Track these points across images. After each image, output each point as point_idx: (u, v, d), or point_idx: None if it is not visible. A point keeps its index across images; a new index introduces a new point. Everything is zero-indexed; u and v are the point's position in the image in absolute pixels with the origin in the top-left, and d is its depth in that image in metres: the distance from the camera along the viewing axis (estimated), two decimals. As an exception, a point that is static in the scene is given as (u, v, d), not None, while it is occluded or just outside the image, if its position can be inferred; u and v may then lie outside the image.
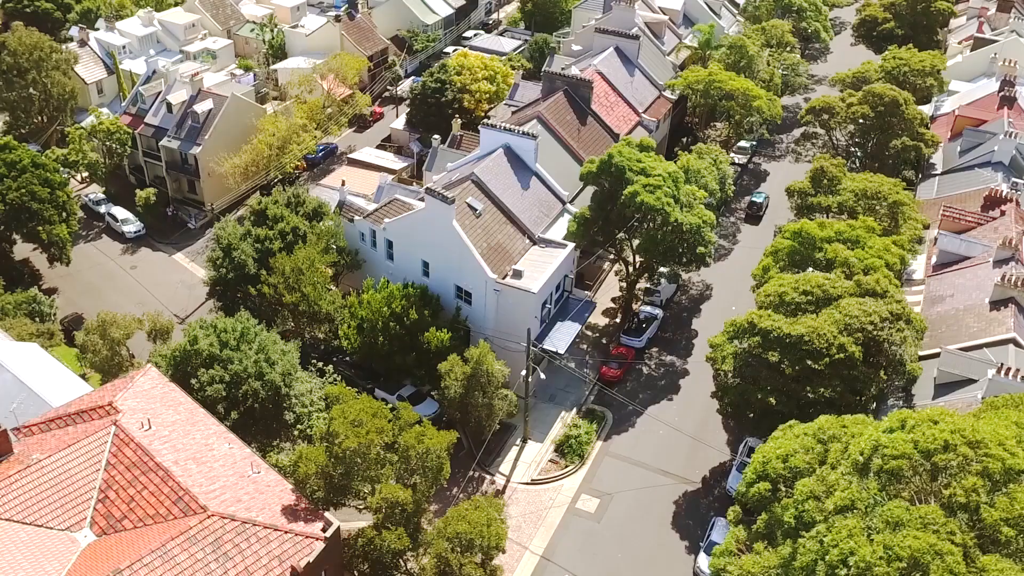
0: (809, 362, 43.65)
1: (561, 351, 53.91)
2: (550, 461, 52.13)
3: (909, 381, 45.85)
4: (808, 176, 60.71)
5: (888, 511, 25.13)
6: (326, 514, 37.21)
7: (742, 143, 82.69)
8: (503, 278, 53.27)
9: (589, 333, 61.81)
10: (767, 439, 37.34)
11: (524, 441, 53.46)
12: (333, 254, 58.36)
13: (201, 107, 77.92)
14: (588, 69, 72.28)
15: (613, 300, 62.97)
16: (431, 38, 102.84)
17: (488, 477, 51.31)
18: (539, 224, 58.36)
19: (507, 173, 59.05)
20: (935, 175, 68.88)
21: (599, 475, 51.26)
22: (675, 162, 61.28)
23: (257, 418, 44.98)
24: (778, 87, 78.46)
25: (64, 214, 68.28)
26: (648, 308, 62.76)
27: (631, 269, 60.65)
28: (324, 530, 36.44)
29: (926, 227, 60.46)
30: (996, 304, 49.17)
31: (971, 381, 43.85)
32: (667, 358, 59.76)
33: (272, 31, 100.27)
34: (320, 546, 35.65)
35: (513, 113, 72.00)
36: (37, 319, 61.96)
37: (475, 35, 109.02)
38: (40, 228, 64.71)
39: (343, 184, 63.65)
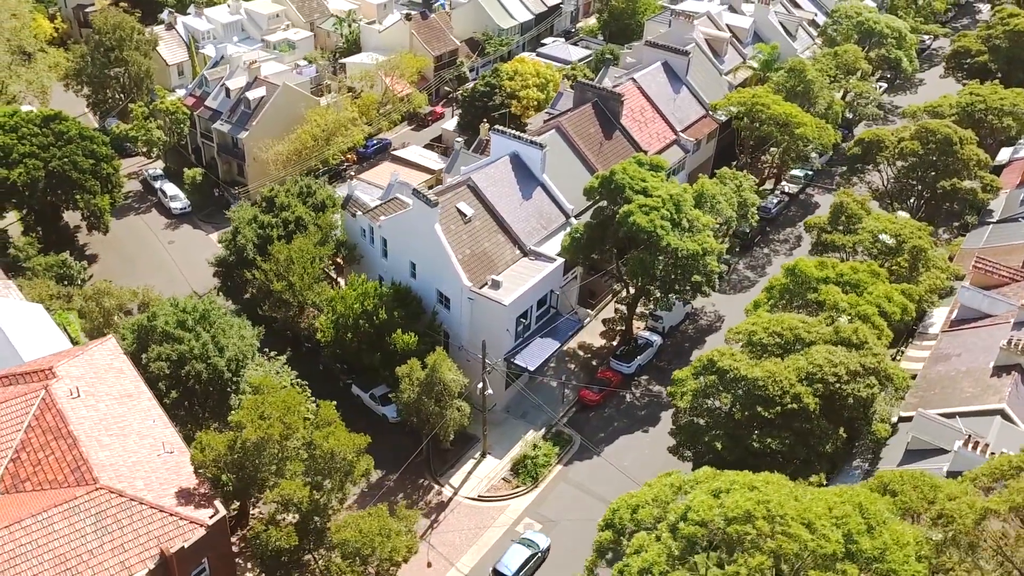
0: (759, 408, 40.62)
1: (530, 368, 52.32)
2: (503, 479, 50.61)
3: (876, 443, 41.91)
4: (830, 211, 56.73)
5: (673, 581, 22.74)
6: (217, 502, 37.22)
7: (795, 172, 78.31)
8: (480, 287, 52.17)
9: (581, 353, 59.82)
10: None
11: (483, 455, 52.16)
12: (330, 247, 58.82)
13: (253, 94, 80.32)
14: (626, 82, 70.13)
15: (604, 322, 60.53)
16: (503, 42, 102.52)
17: (436, 487, 50.32)
18: (535, 235, 56.84)
19: (509, 181, 57.85)
20: (990, 223, 63.04)
21: (549, 500, 49.36)
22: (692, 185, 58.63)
23: (200, 400, 45.59)
24: (837, 115, 73.68)
25: (109, 186, 71.73)
26: (646, 334, 60.14)
27: (628, 291, 58.30)
28: (212, 518, 36.45)
29: (959, 278, 55.44)
30: (1000, 370, 44.26)
31: (942, 451, 39.60)
32: (655, 388, 57.01)
33: (350, 26, 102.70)
34: (200, 533, 35.68)
35: (545, 122, 70.61)
36: (65, 282, 65.21)
37: (553, 42, 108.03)
38: (78, 197, 68.09)
39: (352, 179, 63.93)
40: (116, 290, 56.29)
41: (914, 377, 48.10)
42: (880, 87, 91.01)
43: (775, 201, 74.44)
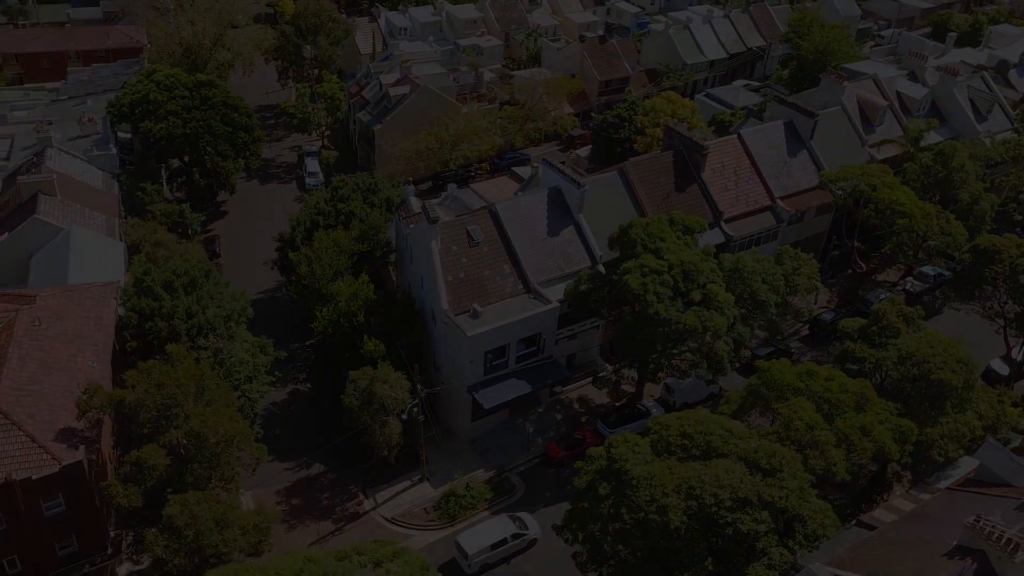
0: (623, 510, 36.32)
1: (485, 406, 50.52)
2: (424, 508, 49.44)
3: (756, 590, 35.72)
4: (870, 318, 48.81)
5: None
6: (82, 447, 40.14)
7: (926, 269, 67.79)
8: (459, 313, 51.24)
9: (576, 405, 56.59)
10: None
11: (420, 480, 51.29)
12: (366, 244, 60.56)
13: (397, 90, 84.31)
14: (729, 136, 64.79)
15: (595, 382, 56.17)
16: (680, 76, 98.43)
17: (360, 497, 50.33)
18: (548, 274, 54.46)
19: (538, 214, 55.94)
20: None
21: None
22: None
23: (155, 354, 49.18)
24: (985, 212, 62.66)
25: (246, 154, 78.93)
26: (649, 403, 55.55)
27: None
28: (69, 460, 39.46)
29: (1018, 431, 45.55)
30: (960, 551, 35.77)
31: (812, 622, 33.01)
32: (630, 462, 52.44)
33: (536, 40, 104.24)
34: (51, 470, 38.80)
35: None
36: (178, 231, 73.01)
37: (744, 85, 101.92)
38: (206, 157, 75.71)
39: (410, 183, 65.05)
40: (175, 244, 62.11)
41: (873, 528, 40.49)
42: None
43: (881, 296, 65.00)
